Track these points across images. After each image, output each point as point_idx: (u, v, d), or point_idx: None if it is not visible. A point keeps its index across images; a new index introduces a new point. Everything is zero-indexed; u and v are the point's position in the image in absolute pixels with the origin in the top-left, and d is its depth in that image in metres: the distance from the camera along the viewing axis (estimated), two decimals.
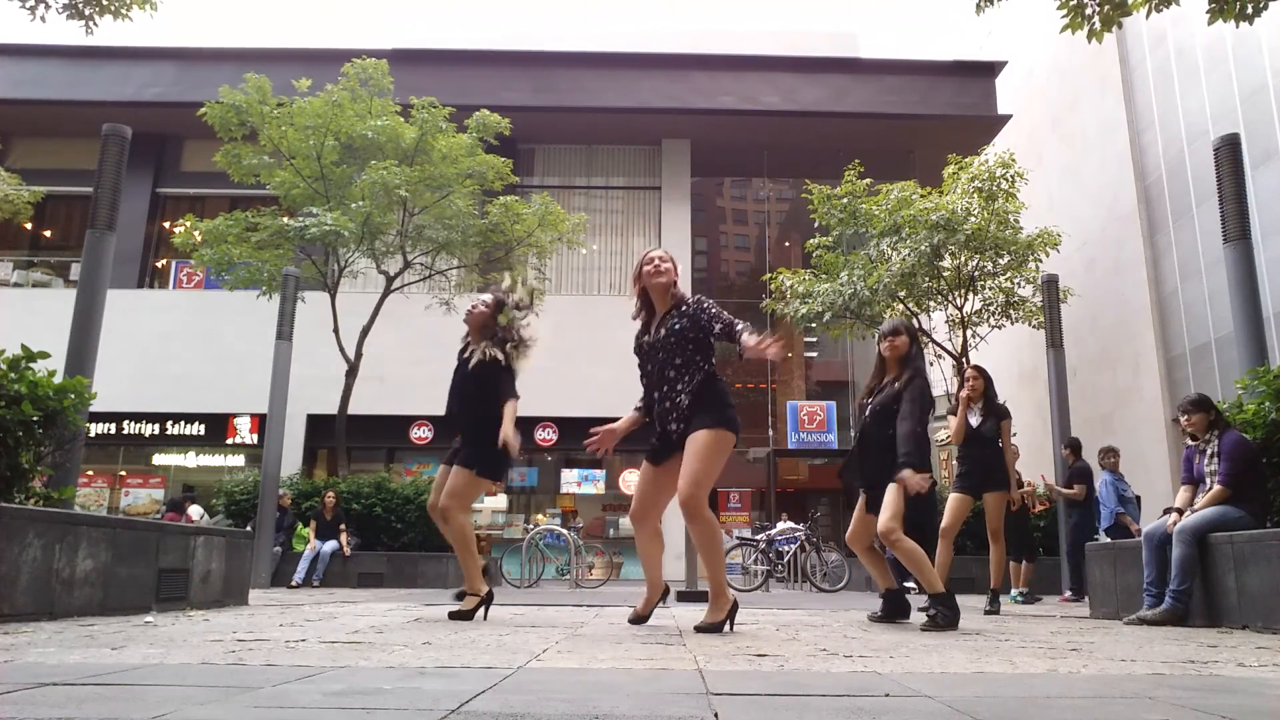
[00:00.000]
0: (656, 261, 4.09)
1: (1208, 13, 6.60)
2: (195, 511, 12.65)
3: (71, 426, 4.76)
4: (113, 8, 6.88)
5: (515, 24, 21.47)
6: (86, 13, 6.87)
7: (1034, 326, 13.67)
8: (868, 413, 4.75)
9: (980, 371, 6.23)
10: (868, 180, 14.15)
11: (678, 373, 3.92)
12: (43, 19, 6.98)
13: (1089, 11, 6.78)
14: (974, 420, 6.12)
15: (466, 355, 4.64)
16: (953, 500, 6.06)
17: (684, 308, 4.01)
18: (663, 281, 4.06)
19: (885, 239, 13.52)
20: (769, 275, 14.95)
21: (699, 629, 3.74)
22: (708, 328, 3.91)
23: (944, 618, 4.20)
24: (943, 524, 6.03)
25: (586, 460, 17.24)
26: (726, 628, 3.81)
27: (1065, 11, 6.81)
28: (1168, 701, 1.89)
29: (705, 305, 3.99)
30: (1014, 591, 8.47)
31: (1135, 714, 1.71)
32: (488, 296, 4.72)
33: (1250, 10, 6.38)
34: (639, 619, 4.16)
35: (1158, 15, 6.97)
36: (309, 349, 12.69)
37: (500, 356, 4.55)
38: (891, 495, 4.39)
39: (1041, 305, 11.71)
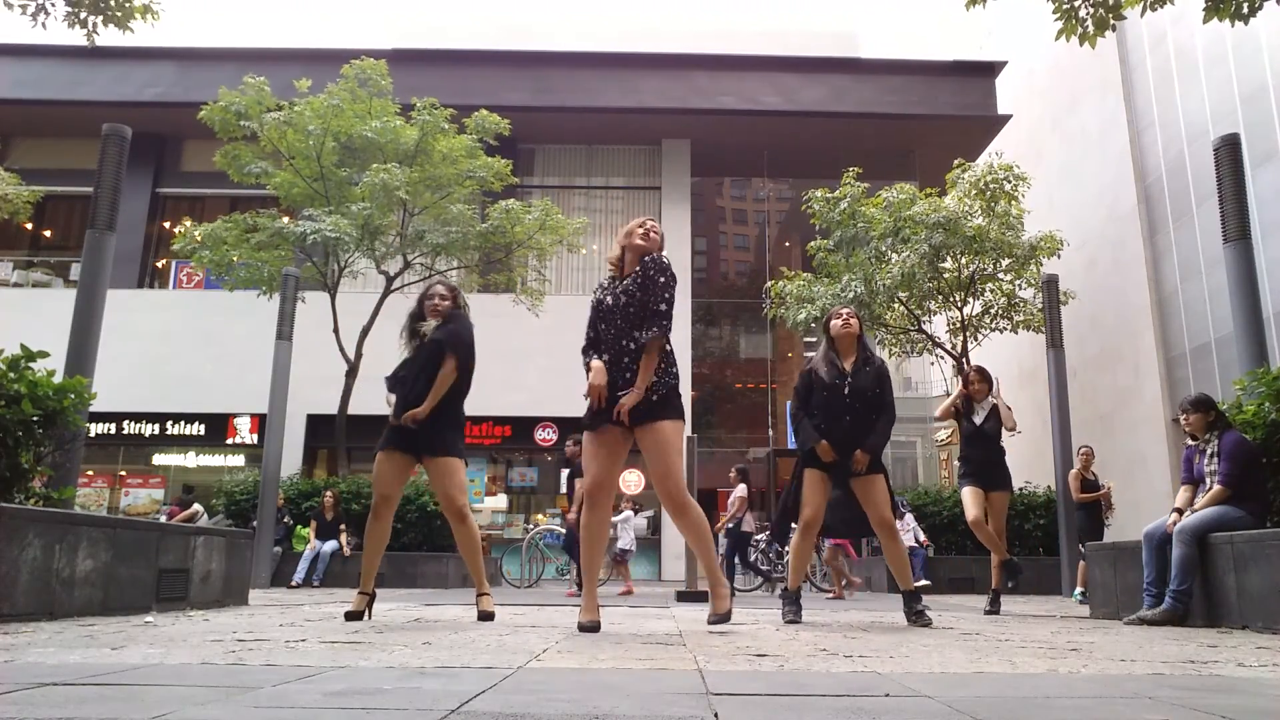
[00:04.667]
0: (650, 227, 3.89)
1: (1204, 11, 6.59)
2: (199, 509, 12.64)
3: (71, 426, 4.76)
4: (115, 16, 6.83)
5: (514, 18, 21.38)
6: (89, 21, 6.82)
7: (1034, 330, 13.68)
8: (848, 391, 4.66)
9: (983, 375, 6.34)
10: (866, 184, 14.15)
11: (637, 346, 3.71)
12: (44, 25, 6.94)
13: (1082, 14, 6.77)
14: (978, 419, 6.24)
15: (421, 343, 4.55)
16: (968, 492, 6.12)
17: (637, 269, 3.79)
18: (641, 245, 3.85)
19: (885, 240, 13.52)
20: (769, 284, 14.88)
21: (714, 621, 3.78)
22: (653, 302, 3.71)
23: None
24: (970, 516, 6.04)
25: None
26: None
27: (1058, 15, 6.79)
28: (1168, 701, 1.89)
29: (655, 274, 3.73)
30: (1077, 591, 8.49)
31: (1135, 714, 1.71)
32: (440, 288, 4.74)
33: (1246, 10, 6.36)
34: (594, 626, 3.65)
35: (1158, 15, 6.96)
36: (309, 349, 12.68)
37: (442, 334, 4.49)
38: (882, 486, 4.59)
39: (1041, 308, 11.71)
